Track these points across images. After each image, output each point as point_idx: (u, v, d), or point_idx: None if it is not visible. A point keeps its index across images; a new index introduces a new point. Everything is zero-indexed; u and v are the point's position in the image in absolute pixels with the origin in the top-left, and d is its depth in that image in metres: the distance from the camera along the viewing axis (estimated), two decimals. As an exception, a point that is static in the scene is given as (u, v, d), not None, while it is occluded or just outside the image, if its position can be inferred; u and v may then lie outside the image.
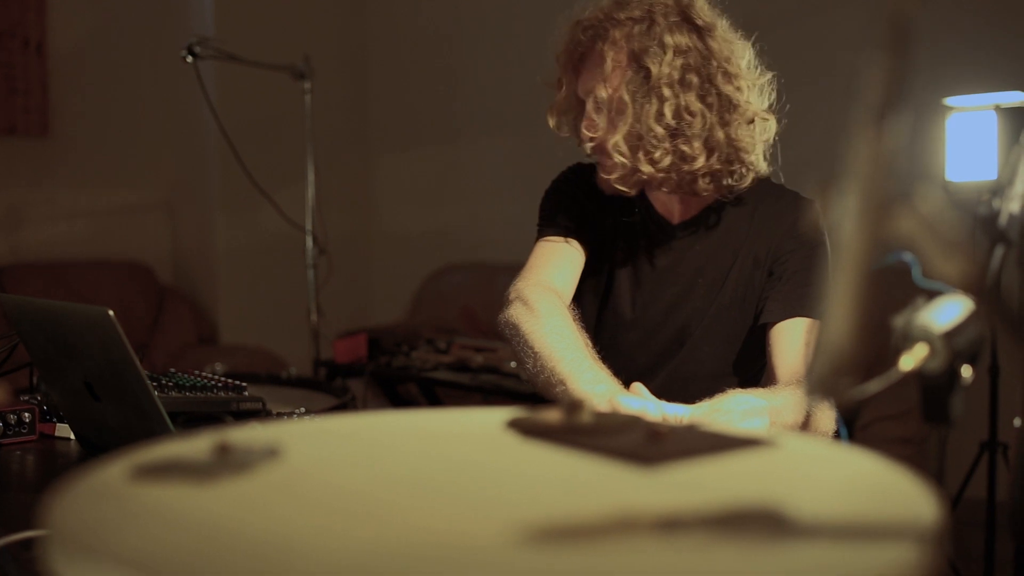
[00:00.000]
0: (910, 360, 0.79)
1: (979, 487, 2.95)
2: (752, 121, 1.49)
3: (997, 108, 2.76)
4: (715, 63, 1.47)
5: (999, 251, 0.88)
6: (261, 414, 1.68)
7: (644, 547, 0.54)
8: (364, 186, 4.96)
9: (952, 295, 0.80)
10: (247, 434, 0.77)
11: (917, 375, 0.81)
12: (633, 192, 1.55)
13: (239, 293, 4.47)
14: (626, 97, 1.47)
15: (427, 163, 4.90)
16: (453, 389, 3.09)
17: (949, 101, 2.85)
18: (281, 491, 0.65)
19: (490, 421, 0.89)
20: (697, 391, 1.40)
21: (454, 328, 3.63)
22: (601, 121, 1.52)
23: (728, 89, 1.47)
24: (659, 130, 1.46)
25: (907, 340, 0.81)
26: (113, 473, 0.68)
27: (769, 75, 1.53)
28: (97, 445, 1.54)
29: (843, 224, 0.61)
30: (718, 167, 1.49)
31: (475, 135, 4.71)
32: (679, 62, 1.46)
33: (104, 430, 1.49)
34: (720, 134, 1.47)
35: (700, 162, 1.47)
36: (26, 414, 1.63)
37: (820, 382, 0.59)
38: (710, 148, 1.47)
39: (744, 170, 1.51)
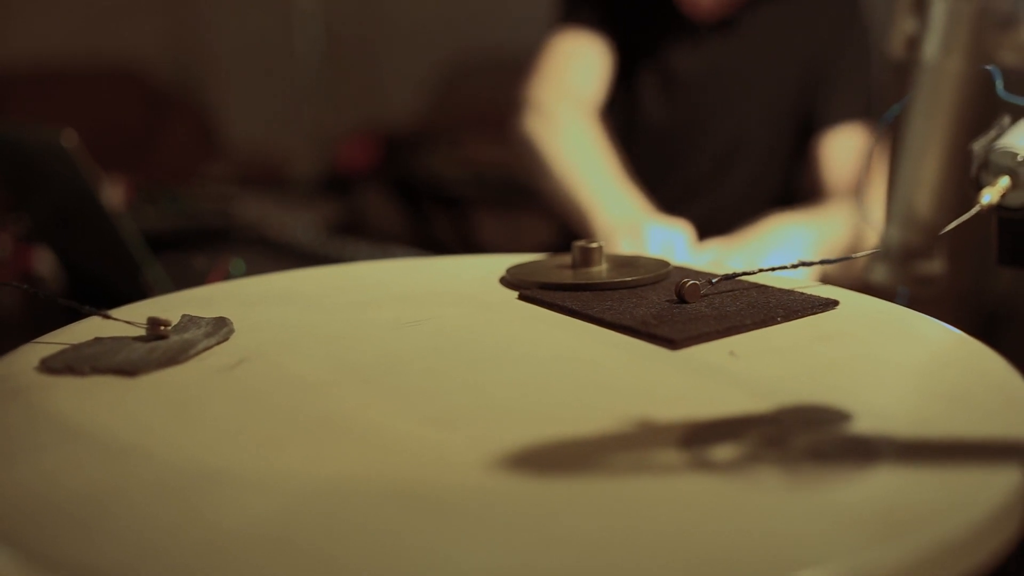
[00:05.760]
0: (990, 193, 0.65)
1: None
2: None
3: None
4: None
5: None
6: (249, 239, 1.57)
7: (666, 471, 0.42)
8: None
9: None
10: (194, 301, 0.65)
11: (997, 210, 0.67)
12: None
13: (242, 95, 4.28)
14: None
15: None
16: (485, 204, 2.86)
17: None
18: (219, 392, 0.52)
19: (481, 276, 0.75)
20: (741, 215, 1.25)
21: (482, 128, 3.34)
22: None
23: None
24: None
25: (987, 168, 0.67)
26: (24, 366, 0.56)
27: None
28: (81, 274, 1.43)
29: (934, 43, 0.46)
30: None
31: None
32: None
33: (83, 257, 1.38)
34: None
35: None
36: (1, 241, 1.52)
37: (892, 262, 0.45)
38: None
39: None
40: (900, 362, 0.56)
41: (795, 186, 1.41)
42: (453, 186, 2.88)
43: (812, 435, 0.45)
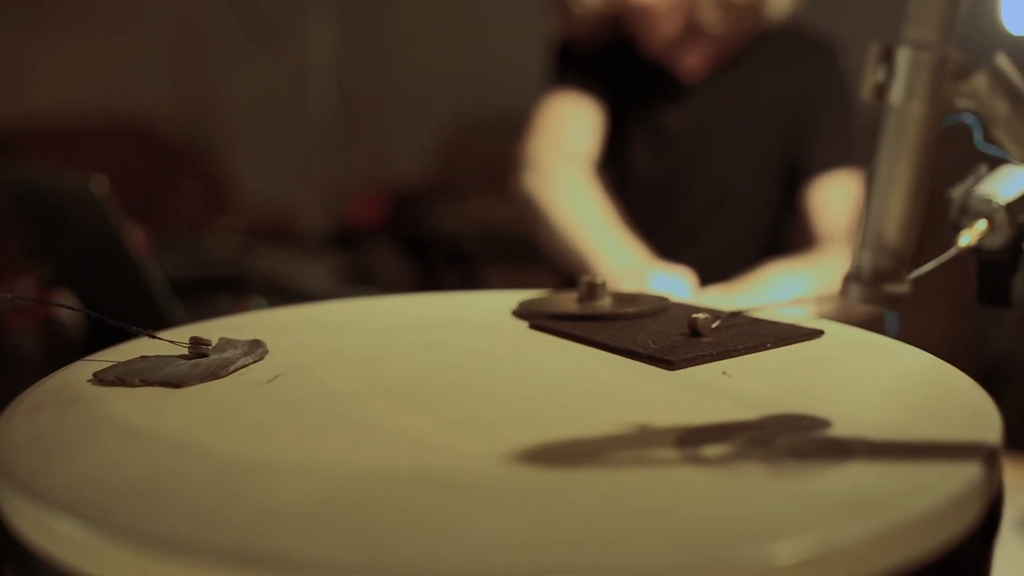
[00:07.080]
0: (968, 236, 0.71)
1: None
2: None
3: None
4: None
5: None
6: (265, 288, 1.62)
7: (661, 463, 0.47)
8: (382, 28, 4.73)
9: (1018, 163, 0.71)
10: (229, 327, 0.70)
11: (975, 252, 0.72)
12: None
13: (254, 151, 4.36)
14: None
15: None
16: (492, 260, 2.92)
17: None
18: (259, 400, 0.57)
19: (495, 308, 0.81)
20: (732, 264, 1.31)
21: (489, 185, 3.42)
22: None
23: None
24: None
25: (965, 213, 0.72)
26: (77, 379, 0.61)
27: None
28: (102, 316, 1.48)
29: (899, 90, 0.51)
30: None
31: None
32: None
33: (105, 301, 1.43)
34: None
35: None
36: (24, 285, 1.58)
37: (864, 283, 0.50)
38: None
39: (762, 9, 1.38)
40: (877, 381, 0.61)
41: (784, 234, 1.47)
42: (460, 242, 2.94)
43: (793, 437, 0.50)
